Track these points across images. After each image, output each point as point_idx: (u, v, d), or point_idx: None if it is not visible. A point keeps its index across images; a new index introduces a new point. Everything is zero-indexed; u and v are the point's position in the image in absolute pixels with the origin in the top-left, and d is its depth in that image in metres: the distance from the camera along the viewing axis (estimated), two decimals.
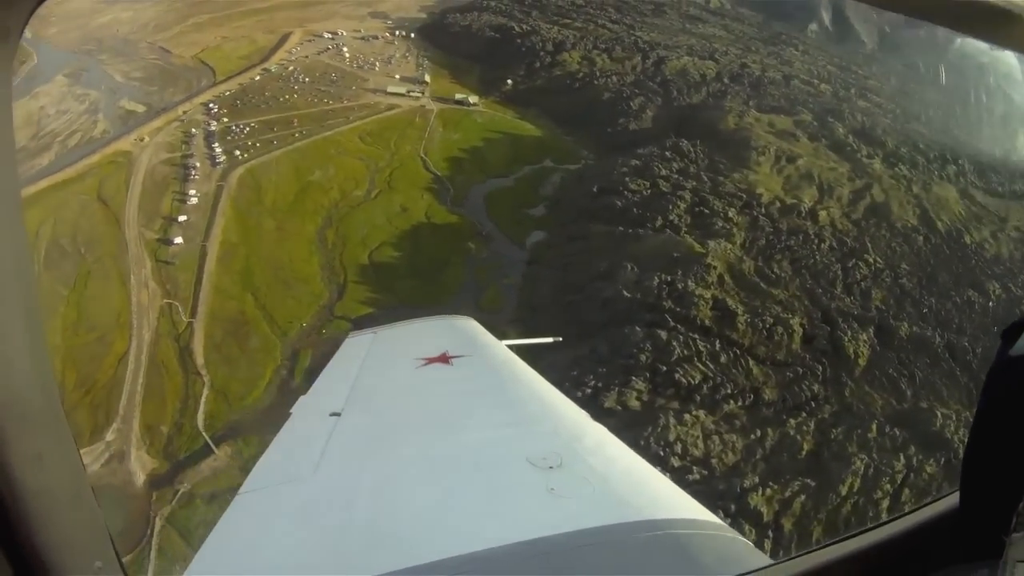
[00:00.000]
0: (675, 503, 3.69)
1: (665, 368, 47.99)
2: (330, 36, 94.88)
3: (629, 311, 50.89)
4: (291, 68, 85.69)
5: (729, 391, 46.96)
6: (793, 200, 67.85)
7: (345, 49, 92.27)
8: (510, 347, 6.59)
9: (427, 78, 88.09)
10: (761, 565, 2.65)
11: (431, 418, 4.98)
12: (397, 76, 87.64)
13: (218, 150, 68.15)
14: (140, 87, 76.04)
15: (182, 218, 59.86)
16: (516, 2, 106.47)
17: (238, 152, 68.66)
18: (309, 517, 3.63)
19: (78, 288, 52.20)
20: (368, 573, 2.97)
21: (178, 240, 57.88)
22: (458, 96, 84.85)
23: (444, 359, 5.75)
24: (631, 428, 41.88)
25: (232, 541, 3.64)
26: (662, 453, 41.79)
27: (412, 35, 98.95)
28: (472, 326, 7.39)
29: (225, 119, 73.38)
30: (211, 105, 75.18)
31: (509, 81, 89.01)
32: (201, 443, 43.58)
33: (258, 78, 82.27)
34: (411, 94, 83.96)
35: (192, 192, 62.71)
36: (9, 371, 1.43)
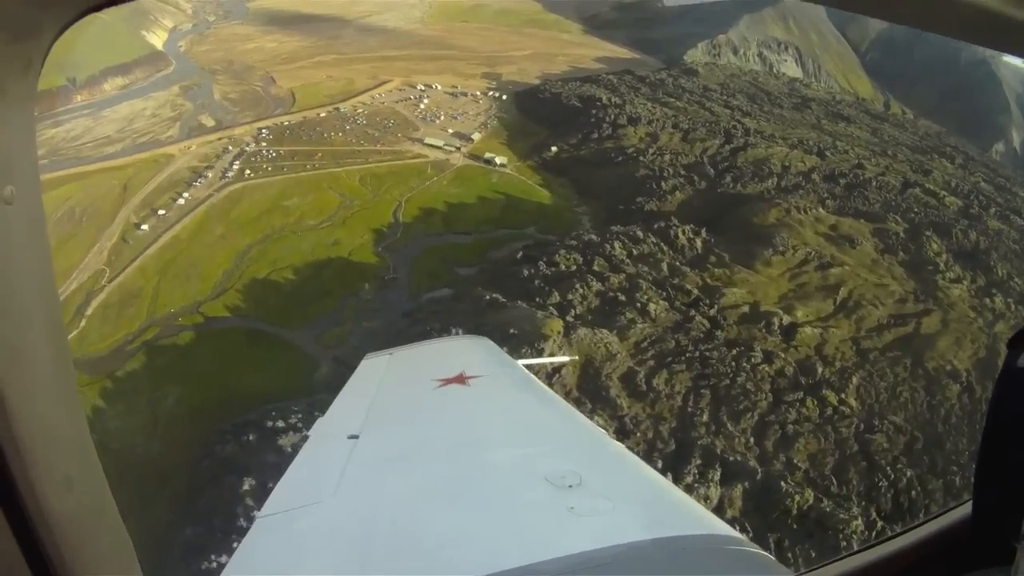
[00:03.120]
0: (696, 519, 4.06)
1: None
2: (422, 88, 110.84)
3: None
4: (359, 110, 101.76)
5: None
6: (776, 309, 60.52)
7: (426, 101, 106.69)
8: (526, 366, 7.24)
9: (475, 136, 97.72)
10: None
11: (449, 439, 5.38)
12: (450, 130, 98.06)
13: (235, 167, 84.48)
14: (227, 106, 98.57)
15: (161, 212, 75.92)
16: (638, 79, 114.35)
17: (248, 171, 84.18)
18: (329, 539, 4.00)
19: (57, 244, 72.07)
20: None
21: (145, 227, 73.56)
22: (487, 155, 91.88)
23: (461, 379, 6.24)
24: None
25: (253, 564, 4.03)
26: None
27: (504, 97, 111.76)
28: (488, 346, 8.03)
29: (264, 144, 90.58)
30: (263, 131, 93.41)
31: (554, 148, 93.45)
32: None
33: (323, 115, 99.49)
34: (446, 147, 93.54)
35: (186, 195, 78.94)
36: (38, 398, 1.69)
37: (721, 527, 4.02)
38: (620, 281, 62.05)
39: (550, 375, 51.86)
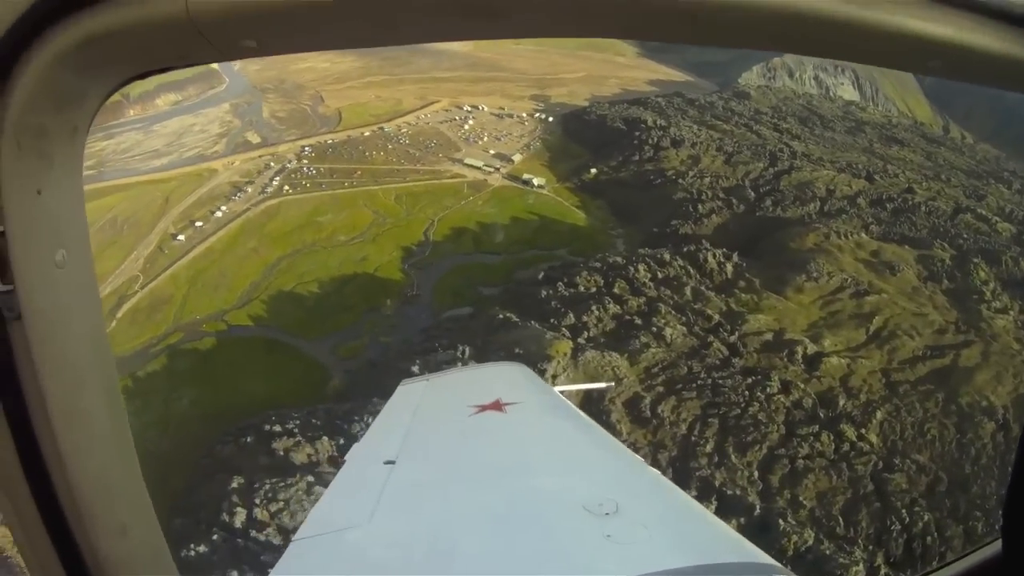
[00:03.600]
0: (734, 547, 4.23)
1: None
2: (469, 109, 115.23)
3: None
4: (403, 130, 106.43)
5: None
6: (802, 338, 60.15)
7: (471, 122, 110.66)
8: (563, 393, 7.66)
9: (516, 157, 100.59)
10: None
11: (485, 466, 5.56)
12: (491, 151, 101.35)
13: (275, 183, 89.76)
14: (273, 124, 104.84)
15: (199, 224, 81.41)
16: (688, 101, 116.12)
17: (287, 188, 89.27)
18: (365, 564, 4.16)
19: (97, 251, 78.22)
20: None
21: (181, 238, 79.17)
22: (525, 176, 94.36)
23: (497, 406, 6.49)
24: None
25: None
26: None
27: (550, 119, 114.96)
28: (525, 373, 8.43)
29: (306, 161, 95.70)
30: (306, 148, 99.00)
31: (593, 170, 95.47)
32: None
33: (367, 134, 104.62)
34: (485, 168, 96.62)
35: (224, 208, 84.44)
36: (94, 454, 1.84)
37: (760, 556, 4.11)
38: (639, 304, 62.77)
39: None
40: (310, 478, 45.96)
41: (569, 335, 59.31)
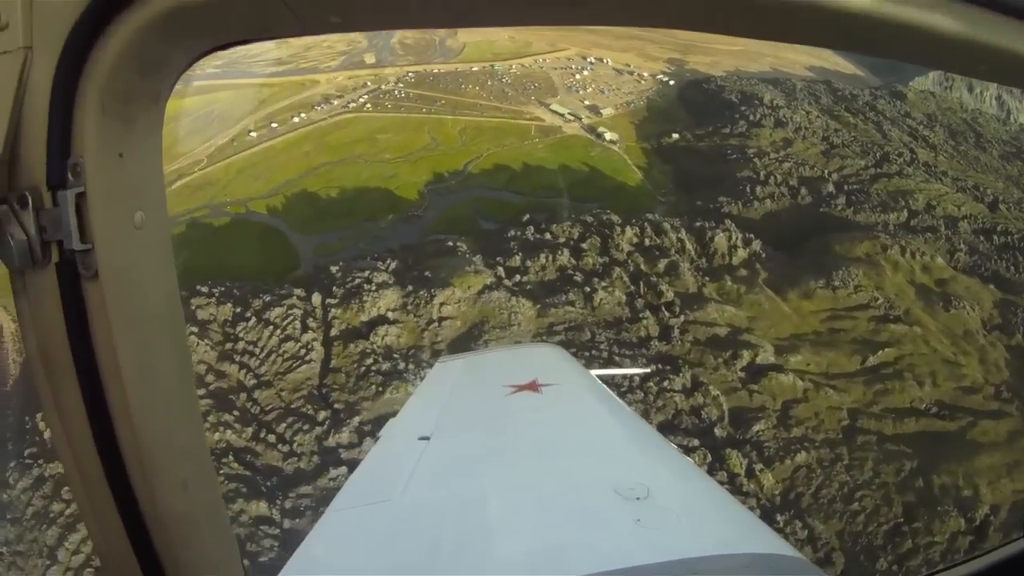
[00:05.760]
0: (760, 538, 4.33)
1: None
2: (592, 61, 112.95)
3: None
4: (512, 70, 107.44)
5: None
6: (764, 343, 54.28)
7: (585, 72, 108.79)
8: (599, 377, 7.97)
9: (606, 111, 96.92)
10: None
11: (519, 445, 5.80)
12: (586, 102, 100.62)
13: (360, 100, 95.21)
14: (395, 48, 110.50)
15: (274, 125, 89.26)
16: (830, 90, 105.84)
17: (369, 105, 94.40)
18: (396, 538, 4.34)
19: (183, 135, 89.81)
20: None
21: (254, 134, 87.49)
22: (600, 130, 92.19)
23: (534, 387, 6.78)
24: None
25: (320, 559, 4.42)
26: None
27: (671, 83, 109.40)
28: (562, 355, 8.93)
29: (402, 85, 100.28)
30: (410, 74, 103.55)
31: (675, 135, 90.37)
32: None
33: (475, 69, 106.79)
34: (567, 116, 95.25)
35: (303, 115, 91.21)
36: (160, 409, 1.97)
37: (787, 549, 4.25)
38: (595, 264, 60.76)
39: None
40: (195, 329, 52.57)
41: (503, 275, 59.43)
